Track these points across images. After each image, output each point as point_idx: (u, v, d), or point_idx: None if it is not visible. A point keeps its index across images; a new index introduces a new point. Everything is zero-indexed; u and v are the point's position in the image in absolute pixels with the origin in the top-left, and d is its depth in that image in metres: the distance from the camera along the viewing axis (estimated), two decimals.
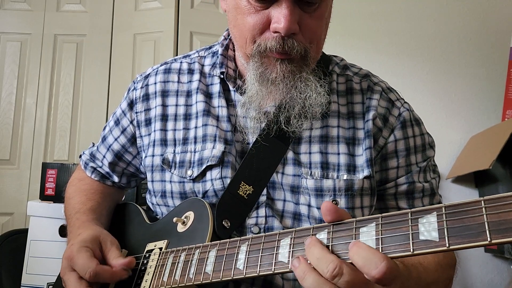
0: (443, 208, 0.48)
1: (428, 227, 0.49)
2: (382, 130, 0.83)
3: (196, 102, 0.87)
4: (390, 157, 0.83)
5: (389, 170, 0.83)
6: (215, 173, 0.81)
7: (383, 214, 0.53)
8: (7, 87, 2.38)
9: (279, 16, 0.70)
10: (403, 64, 2.10)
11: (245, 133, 0.83)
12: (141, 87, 0.92)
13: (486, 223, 0.44)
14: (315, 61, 0.80)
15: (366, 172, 0.79)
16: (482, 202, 0.46)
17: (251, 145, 0.82)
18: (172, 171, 0.84)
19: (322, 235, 0.56)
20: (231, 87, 0.86)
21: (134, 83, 0.95)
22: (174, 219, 0.78)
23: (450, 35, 2.08)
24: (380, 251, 0.51)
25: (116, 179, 0.98)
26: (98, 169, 0.98)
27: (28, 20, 2.42)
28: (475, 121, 2.03)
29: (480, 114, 2.04)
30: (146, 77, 0.94)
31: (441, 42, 2.08)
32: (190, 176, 0.82)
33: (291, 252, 0.58)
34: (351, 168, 0.80)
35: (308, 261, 0.54)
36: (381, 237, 0.51)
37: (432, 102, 2.06)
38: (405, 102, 0.88)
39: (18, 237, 1.63)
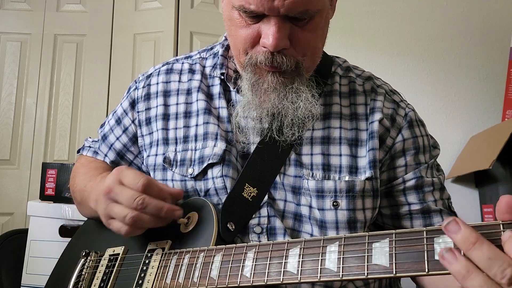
0: None
1: (445, 247, 0.47)
2: (390, 130, 0.83)
3: (197, 100, 0.87)
4: (398, 156, 0.83)
5: (397, 169, 0.83)
6: (216, 171, 0.80)
7: (397, 230, 0.52)
8: (7, 87, 2.38)
9: (268, 33, 0.70)
10: (403, 64, 2.10)
11: (246, 133, 0.82)
12: (143, 87, 0.93)
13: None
14: (311, 70, 0.80)
15: (368, 174, 0.79)
16: (501, 225, 0.45)
17: (252, 145, 0.82)
18: (173, 170, 0.84)
19: (333, 248, 0.56)
20: (231, 88, 0.87)
21: (136, 83, 0.95)
22: (178, 220, 0.78)
23: (450, 35, 2.08)
24: (394, 268, 0.49)
25: None
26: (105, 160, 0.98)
27: (28, 20, 2.42)
28: (475, 121, 2.03)
29: (480, 114, 2.03)
30: (148, 76, 0.94)
31: (441, 42, 2.08)
32: (191, 174, 0.82)
33: (300, 262, 0.57)
34: (353, 169, 0.80)
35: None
36: (395, 253, 0.50)
37: (433, 102, 2.06)
38: (409, 104, 0.89)
39: (18, 237, 1.62)
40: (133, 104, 0.93)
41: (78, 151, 1.04)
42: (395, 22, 2.12)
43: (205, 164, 0.81)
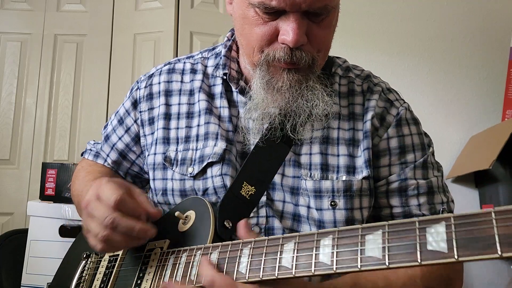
0: (452, 218, 0.47)
1: (437, 237, 0.47)
2: (379, 129, 0.83)
3: (199, 101, 0.87)
4: (382, 154, 0.82)
5: (380, 168, 0.82)
6: (215, 170, 0.81)
7: (390, 222, 0.52)
8: (7, 87, 2.38)
9: (288, 29, 0.70)
10: (403, 64, 2.10)
11: (246, 133, 0.83)
12: (145, 87, 0.93)
13: (496, 236, 0.43)
14: (321, 67, 0.80)
15: (365, 173, 0.79)
16: (493, 213, 0.44)
17: (252, 146, 0.82)
18: (173, 169, 0.85)
19: (327, 241, 0.56)
20: (233, 88, 0.87)
21: (138, 83, 0.96)
22: (176, 213, 0.77)
23: (450, 35, 2.08)
24: (387, 260, 0.50)
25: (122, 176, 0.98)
26: (105, 164, 0.98)
27: (28, 20, 2.42)
28: (475, 121, 2.03)
29: (480, 114, 2.04)
30: (150, 76, 0.94)
31: (441, 42, 2.08)
32: (190, 174, 0.82)
33: (294, 257, 0.57)
34: (351, 169, 0.80)
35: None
36: (388, 246, 0.50)
37: (432, 102, 2.06)
38: (404, 102, 0.88)
39: (18, 237, 1.63)
40: (135, 104, 0.93)
41: (82, 154, 1.04)
42: (395, 22, 2.12)
43: (205, 163, 0.81)
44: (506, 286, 1.90)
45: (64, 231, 1.55)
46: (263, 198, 0.80)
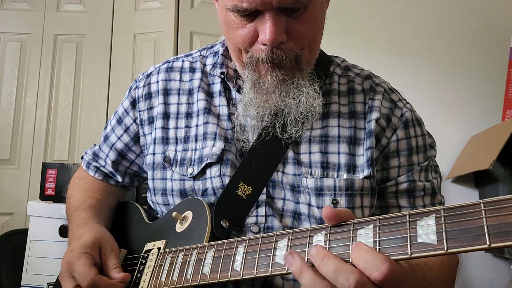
0: (442, 211, 0.48)
1: (427, 230, 0.48)
2: (386, 130, 0.83)
3: (198, 100, 0.87)
4: (392, 156, 0.83)
5: (390, 169, 0.84)
6: (214, 170, 0.81)
7: (381, 216, 0.53)
8: (7, 87, 2.38)
9: (264, 28, 0.70)
10: (403, 64, 2.10)
11: (245, 131, 0.83)
12: (143, 86, 0.93)
13: (485, 227, 0.44)
14: (311, 64, 0.80)
15: (366, 172, 0.79)
16: (482, 204, 0.45)
17: (250, 144, 0.82)
18: (173, 169, 0.85)
19: (320, 237, 0.56)
20: (231, 87, 0.87)
21: (136, 82, 0.95)
22: (174, 214, 0.78)
23: (450, 35, 2.08)
24: None
25: (119, 178, 0.98)
26: (101, 168, 0.98)
27: (28, 20, 2.43)
28: (475, 121, 2.03)
29: (480, 114, 2.03)
30: (148, 75, 0.94)
31: (441, 42, 2.08)
32: (190, 174, 0.83)
33: None
34: (351, 168, 0.80)
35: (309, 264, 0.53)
36: (379, 240, 0.51)
37: (432, 102, 2.05)
38: (407, 103, 0.88)
39: (18, 237, 1.63)
40: (134, 103, 0.93)
41: (82, 157, 1.05)
42: (395, 22, 2.12)
43: (203, 164, 0.81)
44: (506, 286, 1.90)
45: (64, 231, 1.55)
46: (263, 197, 0.80)
